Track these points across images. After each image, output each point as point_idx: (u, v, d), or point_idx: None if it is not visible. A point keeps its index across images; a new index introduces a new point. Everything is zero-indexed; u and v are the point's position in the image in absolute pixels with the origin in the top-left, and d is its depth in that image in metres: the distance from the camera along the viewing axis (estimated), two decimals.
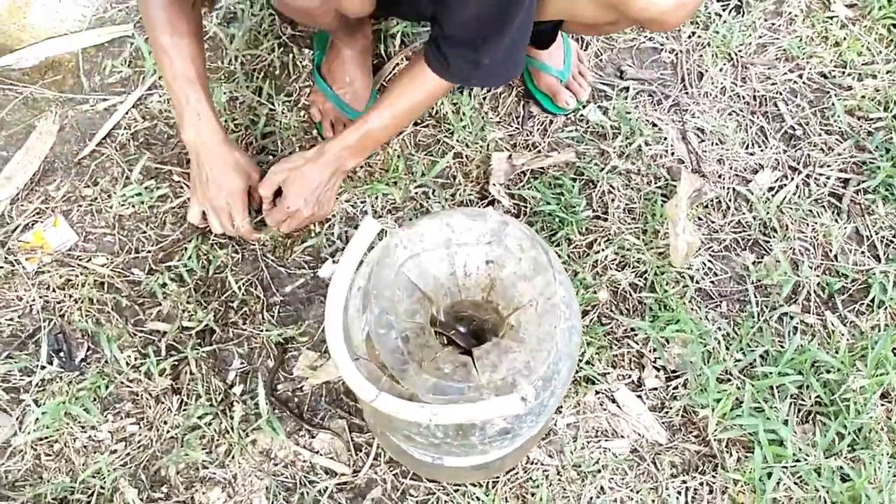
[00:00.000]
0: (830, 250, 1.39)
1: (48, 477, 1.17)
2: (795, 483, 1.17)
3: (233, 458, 1.19)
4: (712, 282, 1.36)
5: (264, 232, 1.33)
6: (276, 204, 1.29)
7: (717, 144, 1.49)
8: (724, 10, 1.64)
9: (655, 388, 1.27)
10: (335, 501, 1.17)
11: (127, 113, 1.46)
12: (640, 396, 1.26)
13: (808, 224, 1.41)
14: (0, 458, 1.18)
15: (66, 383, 1.22)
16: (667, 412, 1.25)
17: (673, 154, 1.47)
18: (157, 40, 1.16)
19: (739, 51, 1.60)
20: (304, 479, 1.18)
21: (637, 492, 1.18)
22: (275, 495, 1.16)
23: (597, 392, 1.25)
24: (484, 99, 1.51)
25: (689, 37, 1.61)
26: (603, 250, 1.35)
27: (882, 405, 1.24)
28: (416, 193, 1.41)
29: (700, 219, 1.41)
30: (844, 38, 1.62)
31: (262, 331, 1.28)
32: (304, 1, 0.99)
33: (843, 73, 1.59)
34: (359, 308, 0.89)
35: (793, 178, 1.46)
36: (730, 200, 1.44)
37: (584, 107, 1.50)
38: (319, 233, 1.35)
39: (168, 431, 1.20)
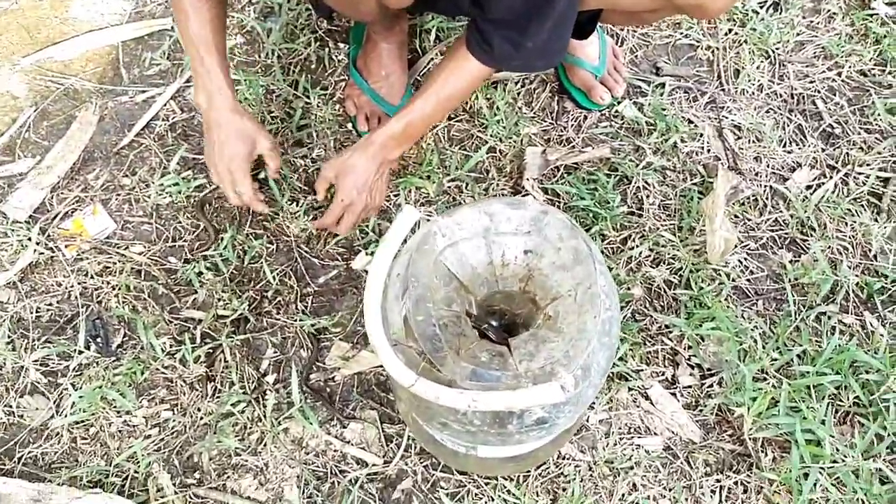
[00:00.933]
0: (870, 250, 1.37)
1: (84, 460, 1.19)
2: (833, 484, 1.15)
3: (265, 445, 1.19)
4: (748, 280, 1.34)
5: (268, 208, 1.31)
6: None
7: (754, 142, 1.48)
8: (761, 7, 1.62)
9: (690, 386, 1.25)
10: (366, 491, 1.17)
11: (165, 104, 1.48)
12: (674, 394, 1.24)
13: (846, 223, 1.39)
14: (38, 441, 1.20)
15: (103, 368, 1.24)
16: (701, 410, 1.23)
17: (709, 151, 1.46)
18: (179, 2, 1.16)
19: (777, 48, 1.58)
20: (336, 468, 1.18)
21: (670, 489, 1.17)
22: (306, 483, 1.17)
23: (630, 389, 1.24)
24: (518, 94, 1.51)
25: (726, 34, 1.59)
26: (637, 246, 1.34)
27: None
28: (450, 187, 1.41)
29: (736, 217, 1.40)
30: (885, 36, 1.59)
31: (295, 321, 1.28)
32: None
33: (884, 71, 1.56)
34: (397, 295, 0.90)
35: (831, 177, 1.44)
36: (767, 198, 1.42)
37: (618, 103, 1.50)
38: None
39: (201, 418, 1.21)
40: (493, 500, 1.15)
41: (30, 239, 1.33)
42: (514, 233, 0.92)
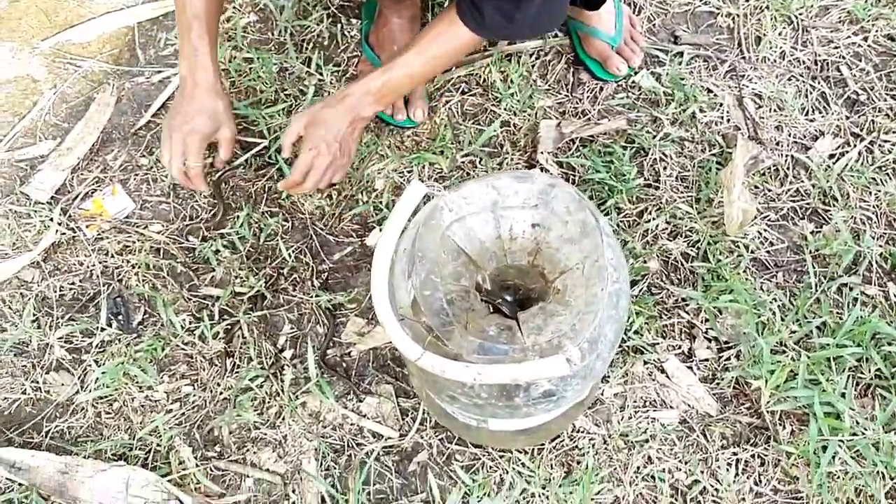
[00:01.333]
0: (895, 220, 1.34)
1: (108, 434, 1.22)
2: (852, 457, 1.14)
3: (283, 419, 1.21)
4: (768, 251, 1.32)
5: (209, 188, 1.33)
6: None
7: (775, 111, 1.44)
8: None
9: (706, 360, 1.24)
10: (382, 464, 1.18)
11: None
12: (690, 367, 1.23)
13: (870, 192, 1.36)
14: (63, 415, 1.23)
15: (125, 345, 1.27)
16: (718, 383, 1.22)
17: (728, 121, 1.43)
18: None
19: (800, 14, 1.53)
20: (352, 441, 1.20)
21: (686, 462, 1.17)
22: (323, 456, 1.19)
23: (645, 362, 1.23)
24: (532, 66, 1.49)
25: (747, 0, 1.55)
26: (654, 219, 1.33)
27: None
28: (463, 162, 1.40)
29: (757, 187, 1.37)
30: None
31: (311, 297, 1.30)
32: None
33: None
34: (404, 270, 0.90)
35: (855, 145, 1.40)
36: (788, 168, 1.39)
37: (635, 73, 1.47)
38: (367, 201, 1.37)
39: (221, 393, 1.24)
40: (507, 472, 1.16)
41: (52, 219, 1.36)
42: (521, 206, 0.92)
